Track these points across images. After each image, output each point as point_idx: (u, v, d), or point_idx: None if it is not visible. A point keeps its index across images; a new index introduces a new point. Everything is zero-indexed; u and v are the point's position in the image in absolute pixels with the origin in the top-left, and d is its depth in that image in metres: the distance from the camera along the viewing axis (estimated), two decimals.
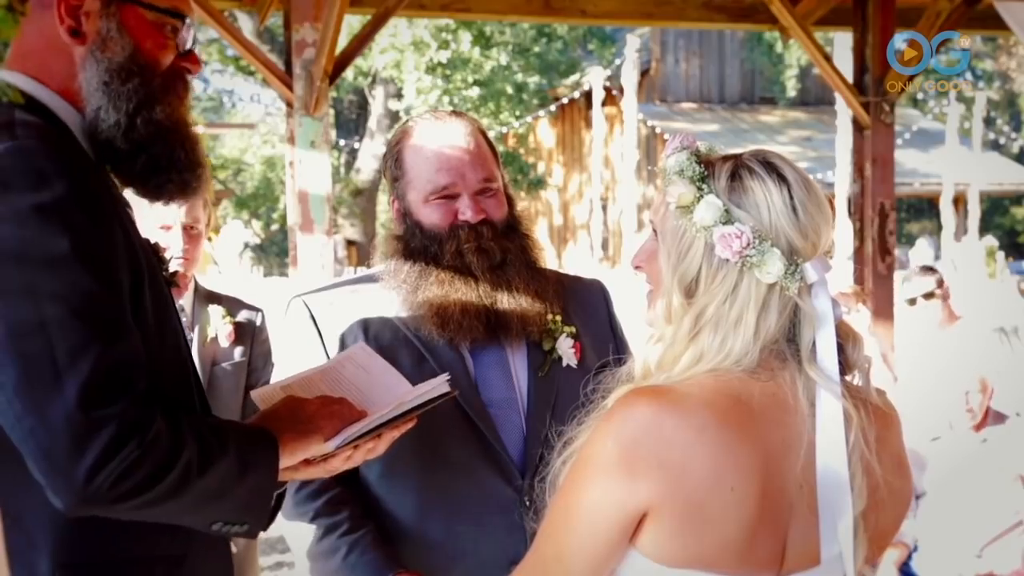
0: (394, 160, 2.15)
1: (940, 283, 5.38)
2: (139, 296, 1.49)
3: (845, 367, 1.49)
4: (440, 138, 2.11)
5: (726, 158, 1.52)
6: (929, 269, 5.56)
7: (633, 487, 1.36)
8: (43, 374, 1.35)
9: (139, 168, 1.62)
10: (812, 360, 1.46)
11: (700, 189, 1.47)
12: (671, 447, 1.36)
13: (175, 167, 1.63)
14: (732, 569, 1.39)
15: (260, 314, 3.46)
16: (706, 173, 1.49)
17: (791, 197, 1.46)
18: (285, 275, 19.07)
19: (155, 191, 1.66)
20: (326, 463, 1.72)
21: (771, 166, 1.48)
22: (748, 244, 1.43)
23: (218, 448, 1.47)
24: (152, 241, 1.71)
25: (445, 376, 1.82)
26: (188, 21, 1.66)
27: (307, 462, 1.70)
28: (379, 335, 2.07)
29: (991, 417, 4.46)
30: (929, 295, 5.34)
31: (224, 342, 3.32)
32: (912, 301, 5.38)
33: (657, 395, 1.41)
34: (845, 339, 1.50)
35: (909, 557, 4.47)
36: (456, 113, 2.19)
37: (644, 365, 1.51)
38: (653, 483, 1.35)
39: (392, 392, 1.83)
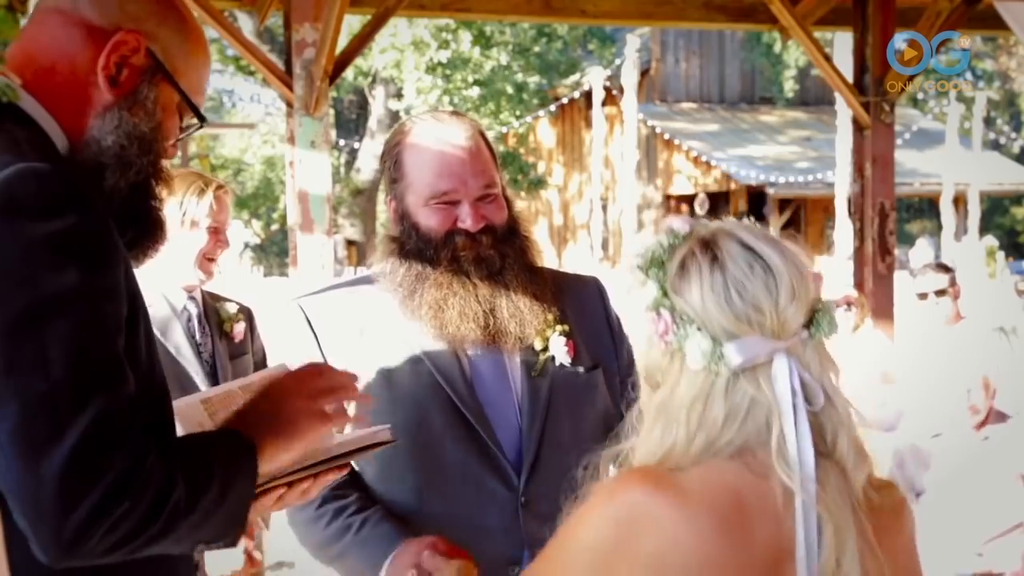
0: (393, 162, 2.12)
1: (953, 282, 5.39)
2: (134, 330, 1.43)
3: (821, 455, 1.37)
4: (441, 141, 2.07)
5: (692, 237, 1.43)
6: (943, 267, 5.56)
7: None
8: (43, 420, 1.28)
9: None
10: (781, 455, 1.34)
11: (646, 274, 1.42)
12: (668, 545, 1.31)
13: (140, 232, 1.57)
14: None
15: (250, 311, 3.49)
16: (665, 258, 1.42)
17: (726, 280, 1.37)
18: (285, 275, 19.08)
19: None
20: (257, 500, 1.61)
21: (713, 246, 1.39)
22: (666, 330, 1.37)
23: (205, 482, 1.40)
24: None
25: (387, 426, 1.79)
26: (197, 122, 1.62)
27: None
28: (375, 337, 2.07)
29: (992, 416, 4.46)
30: (941, 292, 5.34)
31: (238, 339, 3.34)
32: (923, 295, 5.38)
33: (658, 486, 1.34)
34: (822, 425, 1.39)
35: None
36: (456, 114, 2.16)
37: (624, 457, 1.45)
38: None
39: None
